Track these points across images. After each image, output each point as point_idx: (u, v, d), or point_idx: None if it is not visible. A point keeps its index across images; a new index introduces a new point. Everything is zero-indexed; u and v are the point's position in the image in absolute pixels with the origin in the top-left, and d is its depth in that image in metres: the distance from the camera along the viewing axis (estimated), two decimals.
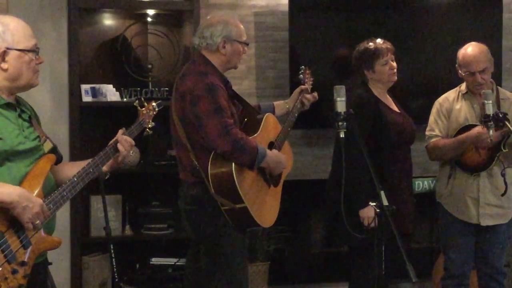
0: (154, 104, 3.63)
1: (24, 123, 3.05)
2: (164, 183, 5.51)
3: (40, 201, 2.87)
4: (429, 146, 4.72)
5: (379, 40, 4.52)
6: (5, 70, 2.97)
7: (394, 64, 4.50)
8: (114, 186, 5.12)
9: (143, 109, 3.58)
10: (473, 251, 4.74)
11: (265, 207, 4.09)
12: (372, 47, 4.48)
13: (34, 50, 3.02)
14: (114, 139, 3.28)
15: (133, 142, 3.30)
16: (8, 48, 2.96)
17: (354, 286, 4.58)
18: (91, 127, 5.47)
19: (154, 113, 3.61)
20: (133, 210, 5.58)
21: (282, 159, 4.11)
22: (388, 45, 4.51)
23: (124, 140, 3.26)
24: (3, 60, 2.96)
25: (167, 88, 5.38)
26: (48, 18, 5.27)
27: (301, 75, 4.53)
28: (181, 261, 5.37)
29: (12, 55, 2.97)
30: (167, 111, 4.06)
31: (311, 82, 4.54)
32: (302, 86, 4.49)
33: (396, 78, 4.53)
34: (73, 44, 5.31)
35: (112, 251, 3.75)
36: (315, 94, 4.57)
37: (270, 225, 4.17)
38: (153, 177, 5.62)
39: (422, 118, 4.93)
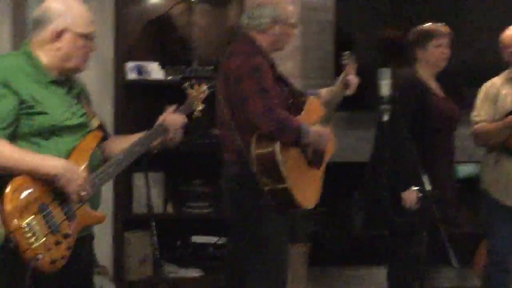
0: (204, 86, 3.65)
1: (73, 100, 3.11)
2: (206, 162, 5.54)
3: (84, 173, 2.94)
4: (475, 131, 4.69)
5: (440, 24, 4.51)
6: (58, 49, 3.04)
7: (448, 50, 4.49)
8: (157, 163, 5.17)
9: (193, 91, 3.60)
10: None
11: (307, 189, 4.11)
12: (431, 27, 4.49)
13: (90, 37, 3.07)
14: (162, 117, 3.32)
15: (184, 121, 3.34)
16: (65, 29, 3.03)
17: (394, 269, 4.59)
18: (135, 104, 5.53)
19: (204, 95, 3.63)
20: (175, 188, 5.63)
21: (325, 133, 4.09)
22: (447, 30, 4.50)
23: (173, 120, 3.30)
24: (58, 39, 3.03)
25: (211, 67, 5.40)
26: None
27: (345, 61, 4.52)
28: (222, 240, 5.43)
29: (67, 36, 3.03)
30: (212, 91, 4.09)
31: (355, 68, 4.52)
32: (346, 72, 4.48)
33: (445, 64, 4.52)
34: (119, 22, 5.36)
35: (154, 228, 3.81)
36: (357, 78, 4.54)
37: (312, 206, 4.17)
38: (195, 156, 5.66)
39: (467, 103, 4.89)
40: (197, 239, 5.57)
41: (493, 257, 4.75)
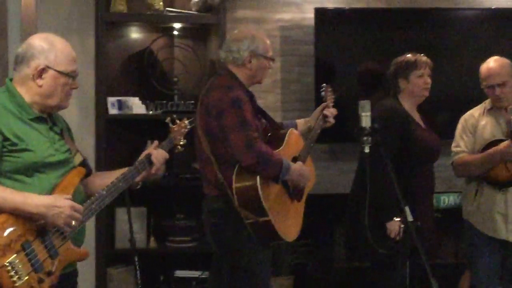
0: (186, 121, 3.69)
1: (55, 136, 3.13)
2: (188, 196, 5.54)
3: (68, 202, 2.94)
4: (455, 162, 4.73)
5: (420, 55, 4.57)
6: (40, 87, 3.06)
7: (429, 79, 4.54)
8: (139, 198, 5.19)
9: (175, 126, 3.64)
10: (499, 268, 4.73)
11: (289, 221, 4.13)
12: (412, 57, 4.54)
13: (72, 75, 3.10)
14: (145, 152, 3.34)
15: (167, 156, 3.38)
16: (48, 67, 3.05)
17: None
18: (117, 139, 5.54)
19: (186, 130, 3.67)
20: (158, 222, 5.64)
21: (306, 172, 4.14)
22: (427, 60, 4.56)
23: (158, 154, 3.33)
24: (40, 76, 3.05)
25: (192, 102, 5.43)
26: (75, 31, 5.36)
27: (322, 93, 4.57)
28: (205, 274, 5.42)
29: (49, 74, 3.06)
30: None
31: (333, 100, 4.58)
32: (324, 104, 4.53)
33: (427, 94, 4.56)
34: (100, 57, 5.39)
35: (137, 263, 3.81)
36: (335, 109, 4.58)
37: (293, 239, 4.20)
38: (177, 190, 5.67)
39: (447, 133, 4.94)
40: (180, 273, 5.56)
41: (476, 287, 4.76)
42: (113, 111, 5.43)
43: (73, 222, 2.93)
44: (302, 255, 5.85)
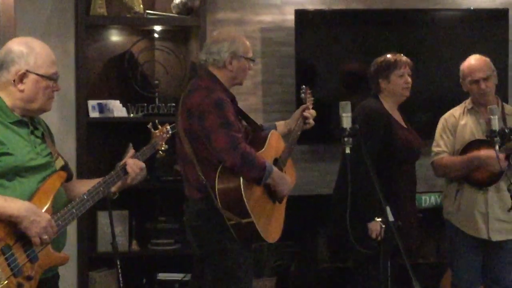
0: (168, 127, 3.70)
1: (37, 140, 3.12)
2: (170, 198, 5.55)
3: (47, 216, 2.94)
4: (435, 163, 4.75)
5: (400, 55, 4.58)
6: (21, 91, 3.05)
7: (410, 79, 4.55)
8: (121, 201, 5.07)
9: (157, 131, 3.64)
10: (480, 268, 4.76)
11: (271, 222, 4.14)
12: (391, 58, 4.54)
13: (53, 78, 3.09)
14: (123, 160, 3.33)
15: (143, 165, 3.36)
16: (28, 71, 3.04)
17: None
18: (98, 142, 5.53)
19: (168, 135, 3.68)
20: (140, 225, 5.62)
21: (286, 179, 4.15)
22: (407, 60, 4.57)
23: (133, 163, 3.32)
24: (21, 81, 3.04)
25: (173, 104, 5.43)
26: (55, 34, 5.34)
27: (302, 95, 4.58)
28: (188, 277, 5.41)
29: (30, 78, 3.05)
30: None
31: (312, 101, 4.59)
32: (303, 106, 4.54)
33: (408, 93, 4.57)
34: (80, 60, 5.38)
35: (119, 266, 3.79)
36: (314, 111, 4.59)
37: (275, 240, 4.21)
38: (159, 193, 5.67)
39: (428, 133, 4.96)
40: (163, 276, 5.55)
41: (458, 287, 4.78)
42: (94, 114, 5.42)
43: (45, 236, 2.92)
44: (284, 256, 5.85)
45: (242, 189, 3.90)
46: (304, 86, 4.62)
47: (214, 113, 3.94)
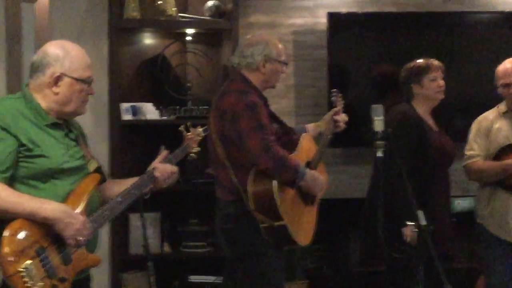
0: (200, 129, 3.71)
1: (71, 142, 3.14)
2: (202, 201, 5.55)
3: (82, 218, 2.96)
4: (468, 167, 4.71)
5: (431, 59, 4.56)
6: (56, 94, 3.07)
7: (442, 82, 4.52)
8: (153, 203, 5.11)
9: (189, 133, 3.64)
10: None
11: (303, 226, 4.13)
12: (423, 62, 4.52)
13: (87, 81, 3.11)
14: (153, 164, 3.34)
15: (174, 169, 3.37)
16: (63, 74, 3.06)
17: None
18: (131, 145, 5.55)
19: (200, 138, 3.68)
20: (172, 227, 5.63)
21: (320, 180, 4.14)
22: (439, 63, 4.55)
23: (162, 168, 3.33)
24: (56, 84, 3.06)
25: (206, 106, 5.43)
26: (89, 37, 5.38)
27: (333, 98, 4.57)
28: (219, 279, 5.40)
29: (65, 82, 3.07)
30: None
31: (342, 105, 4.57)
32: (335, 109, 4.52)
33: (442, 96, 4.54)
34: (113, 63, 5.41)
35: (151, 268, 3.81)
36: (345, 115, 4.58)
37: (307, 243, 4.20)
38: (191, 195, 5.68)
39: (461, 136, 4.93)
40: (195, 278, 5.56)
41: None
42: (127, 116, 5.44)
43: (80, 238, 2.94)
44: (316, 260, 5.84)
45: (275, 192, 3.90)
46: (335, 89, 4.61)
47: (247, 116, 3.95)
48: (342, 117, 4.47)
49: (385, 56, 5.90)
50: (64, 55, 3.08)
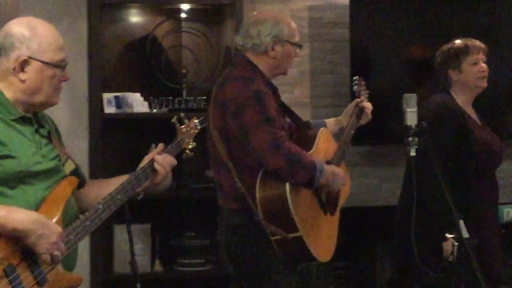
0: (196, 121, 3.68)
1: (42, 140, 3.13)
2: (201, 210, 5.57)
3: (59, 228, 2.95)
4: None
5: (471, 39, 4.56)
6: (23, 81, 3.06)
7: (485, 66, 4.52)
8: (142, 213, 5.19)
9: (183, 126, 3.63)
10: None
11: (322, 238, 4.13)
12: (461, 43, 4.53)
13: (60, 66, 3.10)
14: (148, 157, 3.34)
15: (174, 162, 3.37)
16: (30, 58, 3.06)
17: None
18: (115, 143, 5.58)
19: (196, 131, 3.66)
20: (164, 242, 5.65)
21: (341, 173, 4.14)
22: (481, 44, 4.54)
23: (164, 160, 3.33)
24: (22, 69, 3.05)
25: (204, 97, 5.44)
26: (64, 15, 5.39)
27: (355, 87, 4.57)
28: None
29: (33, 66, 3.06)
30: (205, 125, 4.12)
31: (367, 95, 4.57)
32: (357, 100, 4.52)
33: (486, 83, 4.54)
34: (93, 45, 5.43)
35: None
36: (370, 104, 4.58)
37: (327, 259, 4.21)
38: (187, 203, 5.69)
39: (510, 133, 4.93)
40: None
41: None
42: (110, 109, 5.46)
43: (56, 252, 2.94)
44: (337, 279, 5.84)
45: (289, 198, 3.90)
46: (357, 76, 4.61)
47: (253, 107, 3.94)
48: (367, 106, 4.47)
49: (418, 35, 5.90)
50: (31, 34, 3.07)
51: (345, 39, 5.82)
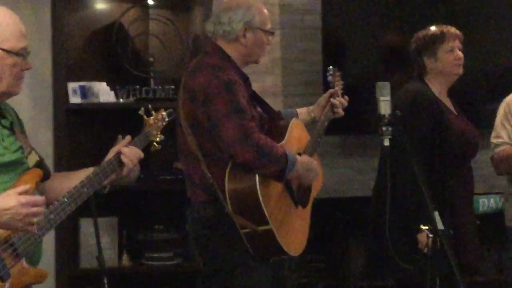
0: (164, 113, 3.67)
1: (3, 131, 3.12)
2: (169, 202, 5.56)
3: (15, 198, 2.87)
4: (495, 157, 4.73)
5: (447, 26, 4.57)
6: None
7: (461, 54, 4.53)
8: (109, 206, 5.17)
9: (150, 118, 3.62)
10: None
11: (293, 231, 4.14)
12: (437, 30, 4.54)
13: (22, 54, 3.08)
14: (114, 150, 3.33)
15: (141, 154, 3.36)
16: None
17: None
18: (80, 134, 5.55)
19: (164, 123, 3.65)
20: (132, 235, 5.64)
21: (313, 165, 4.14)
22: (456, 31, 4.55)
23: (131, 152, 3.32)
24: None
25: (173, 86, 5.43)
26: (27, 1, 5.35)
27: (329, 77, 4.56)
28: None
29: None
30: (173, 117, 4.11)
31: (341, 86, 4.57)
32: (331, 91, 4.52)
33: (461, 71, 4.56)
34: (58, 33, 5.40)
35: (106, 285, 3.81)
36: (346, 98, 4.58)
37: (299, 253, 4.21)
38: (156, 196, 5.68)
39: (486, 122, 4.95)
40: None
41: None
42: (75, 99, 5.43)
43: (35, 219, 2.91)
44: (310, 273, 5.85)
45: (259, 190, 3.90)
46: (331, 67, 4.60)
47: (223, 97, 3.94)
48: (341, 101, 4.47)
49: (392, 23, 5.91)
50: None
51: (317, 26, 5.82)
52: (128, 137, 3.41)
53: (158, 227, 5.66)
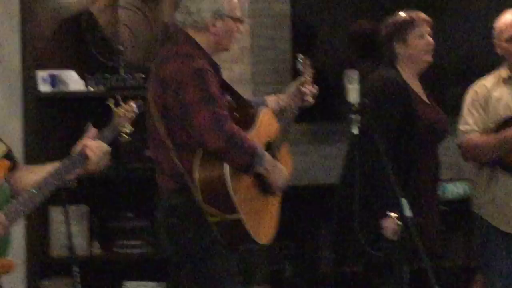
0: (133, 104, 3.65)
1: None
2: (139, 190, 5.56)
3: None
4: (463, 144, 4.76)
5: (417, 12, 4.59)
6: None
7: (431, 40, 4.54)
8: (79, 194, 5.18)
9: (120, 109, 3.60)
10: None
11: (262, 220, 4.15)
12: (406, 16, 4.54)
13: None
14: (80, 144, 3.32)
15: (107, 148, 3.36)
16: None
17: None
18: (50, 123, 5.53)
19: (133, 115, 3.64)
20: (102, 223, 5.64)
21: (281, 168, 4.15)
22: (426, 17, 4.56)
23: (95, 146, 3.31)
24: None
25: (142, 75, 5.43)
26: None
27: (299, 66, 4.56)
28: (161, 285, 5.44)
29: None
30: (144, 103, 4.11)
31: (311, 74, 4.57)
32: (302, 80, 4.52)
33: (431, 58, 4.55)
34: (26, 20, 5.37)
35: (77, 273, 3.82)
36: (315, 87, 4.59)
37: (268, 241, 4.22)
38: (126, 184, 5.68)
39: (454, 108, 4.98)
40: (131, 285, 5.57)
41: None
42: (44, 87, 5.42)
43: None
44: (279, 260, 5.87)
45: (228, 179, 3.91)
46: (301, 55, 4.61)
47: (194, 85, 3.94)
48: (311, 89, 4.47)
49: (362, 9, 5.92)
50: None
51: (286, 14, 5.83)
52: (94, 130, 3.39)
53: (128, 215, 5.66)
